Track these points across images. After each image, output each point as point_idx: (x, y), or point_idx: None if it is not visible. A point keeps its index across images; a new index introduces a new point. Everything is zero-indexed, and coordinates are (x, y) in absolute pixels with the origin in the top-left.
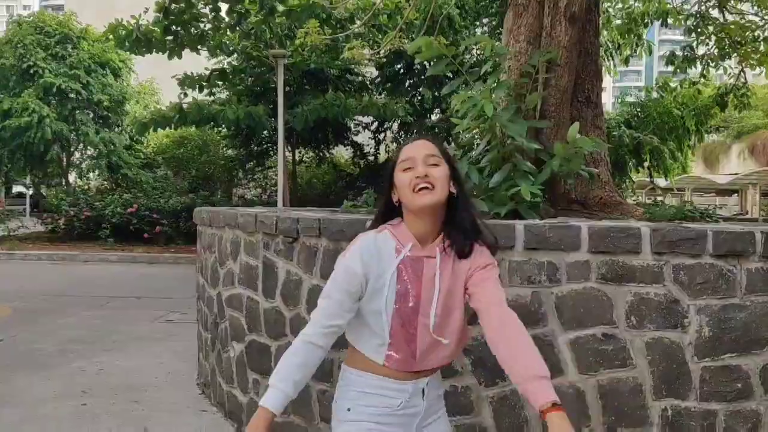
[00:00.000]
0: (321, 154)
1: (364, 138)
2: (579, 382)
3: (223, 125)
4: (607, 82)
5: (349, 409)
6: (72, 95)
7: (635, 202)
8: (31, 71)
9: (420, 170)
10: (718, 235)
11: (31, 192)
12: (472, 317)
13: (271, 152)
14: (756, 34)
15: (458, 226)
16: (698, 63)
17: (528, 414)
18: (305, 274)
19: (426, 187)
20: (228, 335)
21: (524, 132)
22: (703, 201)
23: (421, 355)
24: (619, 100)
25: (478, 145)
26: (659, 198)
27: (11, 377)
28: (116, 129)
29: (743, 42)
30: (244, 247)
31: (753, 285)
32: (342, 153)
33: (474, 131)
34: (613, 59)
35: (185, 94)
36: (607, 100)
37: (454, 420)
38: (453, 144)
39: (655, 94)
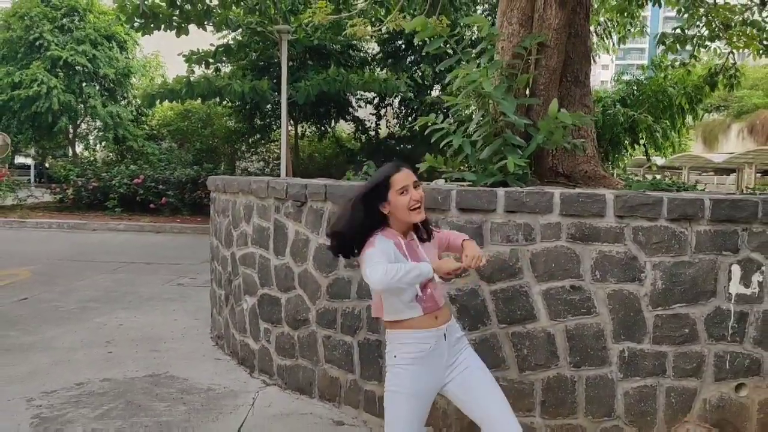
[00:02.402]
0: (323, 128)
1: (365, 113)
2: (549, 327)
3: (229, 99)
4: (607, 60)
5: (395, 356)
6: (79, 68)
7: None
8: (38, 43)
9: (415, 195)
10: (672, 201)
11: (33, 163)
12: None
13: (274, 126)
14: (745, 16)
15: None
16: (689, 44)
17: (505, 354)
18: (312, 234)
19: (418, 207)
20: (241, 290)
21: (514, 109)
22: (701, 180)
23: (438, 298)
24: (615, 78)
25: (472, 119)
26: (656, 176)
27: (40, 329)
28: (122, 102)
29: (731, 25)
30: (256, 210)
31: (701, 245)
32: (343, 128)
33: (469, 107)
34: (611, 38)
35: (193, 71)
36: (608, 77)
37: None
38: (451, 117)
39: (650, 73)
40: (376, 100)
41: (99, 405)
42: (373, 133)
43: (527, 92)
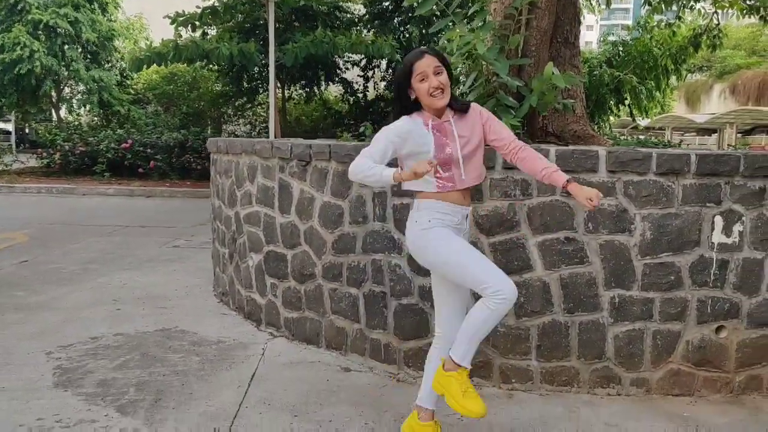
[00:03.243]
0: (310, 91)
1: (352, 75)
2: (545, 276)
3: (216, 62)
4: (592, 20)
5: (429, 220)
6: (60, 30)
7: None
8: (19, 7)
9: (433, 81)
10: (661, 157)
11: (13, 128)
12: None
13: (261, 89)
14: None
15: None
16: (674, 4)
17: None
18: (317, 193)
19: (438, 93)
20: (246, 248)
21: (507, 70)
22: (684, 140)
23: (457, 180)
24: (602, 39)
25: (464, 82)
26: (641, 137)
27: (45, 290)
28: (106, 65)
29: None
30: (261, 170)
31: (687, 197)
32: (331, 90)
33: (462, 68)
34: None
35: (180, 35)
36: (593, 38)
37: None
38: None
39: (636, 34)
40: (363, 62)
41: (116, 357)
42: (361, 95)
43: (518, 53)
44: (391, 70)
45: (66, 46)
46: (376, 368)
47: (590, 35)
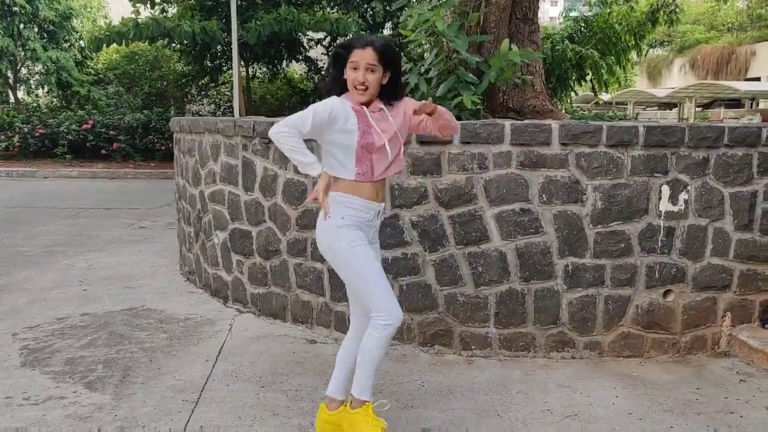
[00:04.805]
0: (274, 69)
1: (316, 53)
2: (501, 246)
3: (178, 41)
4: None
5: (343, 217)
6: (16, 9)
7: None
8: None
9: (360, 76)
10: (611, 129)
11: None
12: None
13: (225, 68)
14: None
15: (389, 96)
16: None
17: (462, 272)
18: (280, 170)
19: (363, 88)
20: (212, 226)
21: (466, 46)
22: (645, 114)
23: (376, 169)
24: (564, 15)
25: (426, 58)
26: (599, 112)
27: (9, 272)
28: (65, 45)
29: None
30: (224, 149)
31: (636, 168)
32: (295, 69)
33: (424, 45)
34: None
35: (139, 12)
36: (557, 13)
37: (405, 280)
38: (404, 57)
39: (597, 9)
40: (327, 40)
41: (83, 336)
42: (325, 73)
43: (479, 30)
44: None
45: (22, 26)
46: (340, 339)
47: (554, 11)
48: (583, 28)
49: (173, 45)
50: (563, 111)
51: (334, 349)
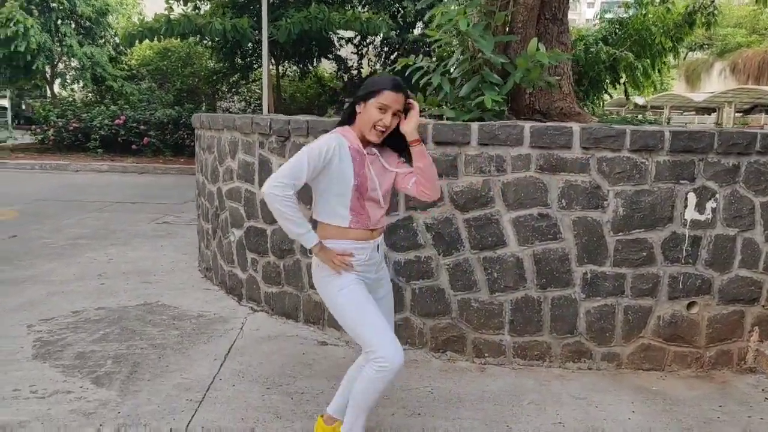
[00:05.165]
0: (304, 68)
1: (346, 53)
2: (518, 252)
3: (209, 38)
4: None
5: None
6: (54, 5)
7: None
8: None
9: (387, 120)
10: (635, 133)
11: (9, 104)
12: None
13: (255, 66)
14: None
15: (396, 143)
16: None
17: (477, 277)
18: None
19: (381, 131)
20: (228, 223)
21: (492, 46)
22: (683, 119)
23: (372, 218)
24: (599, 16)
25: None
26: (629, 115)
27: (32, 264)
28: (100, 41)
29: None
30: (241, 146)
31: (660, 174)
32: (325, 67)
33: (452, 45)
34: None
35: (172, 9)
36: (594, 15)
37: (417, 283)
38: (433, 56)
39: (633, 11)
40: (357, 39)
41: (96, 330)
42: (355, 72)
43: (505, 30)
44: (386, 47)
45: (59, 22)
46: (351, 342)
47: (590, 12)
48: (618, 30)
49: (205, 42)
50: (593, 114)
51: (344, 351)
